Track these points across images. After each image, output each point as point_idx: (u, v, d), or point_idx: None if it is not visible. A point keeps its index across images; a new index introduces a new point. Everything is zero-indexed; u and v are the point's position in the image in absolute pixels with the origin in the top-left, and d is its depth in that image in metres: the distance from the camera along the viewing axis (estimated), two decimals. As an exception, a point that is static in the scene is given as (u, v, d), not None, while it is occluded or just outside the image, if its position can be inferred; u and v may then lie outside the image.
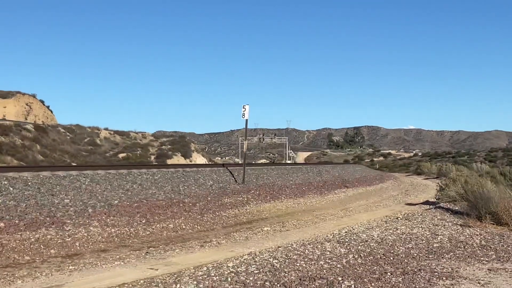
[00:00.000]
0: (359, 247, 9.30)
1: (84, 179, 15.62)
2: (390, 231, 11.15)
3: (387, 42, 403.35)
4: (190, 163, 49.87)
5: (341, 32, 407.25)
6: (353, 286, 6.73)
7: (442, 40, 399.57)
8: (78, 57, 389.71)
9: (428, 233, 10.81)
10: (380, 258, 8.44)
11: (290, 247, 9.33)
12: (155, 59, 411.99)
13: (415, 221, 12.67)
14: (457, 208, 14.54)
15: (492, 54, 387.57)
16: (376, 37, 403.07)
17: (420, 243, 9.77)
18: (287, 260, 8.12)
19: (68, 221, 12.11)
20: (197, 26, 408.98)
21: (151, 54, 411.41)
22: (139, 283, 7.05)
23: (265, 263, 7.89)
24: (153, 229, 13.28)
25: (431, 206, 16.55)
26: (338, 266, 7.81)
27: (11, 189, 12.92)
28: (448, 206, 15.33)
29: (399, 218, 13.37)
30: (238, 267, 7.67)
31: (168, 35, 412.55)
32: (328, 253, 8.76)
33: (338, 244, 9.54)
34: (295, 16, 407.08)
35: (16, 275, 8.32)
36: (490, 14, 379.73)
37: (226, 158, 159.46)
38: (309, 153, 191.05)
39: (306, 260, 8.17)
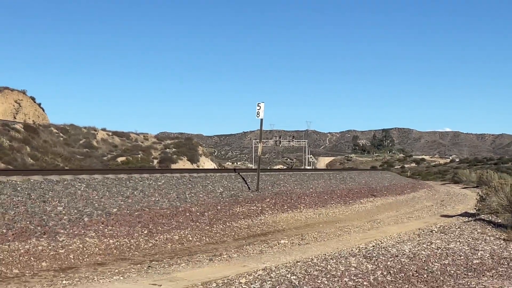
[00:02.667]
0: (388, 262, 9.27)
1: (79, 184, 15.73)
2: (424, 245, 11.10)
3: (420, 35, 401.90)
4: (198, 168, 50.02)
5: (369, 24, 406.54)
6: (381, 306, 6.71)
7: (483, 33, 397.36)
8: (73, 50, 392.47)
9: (467, 248, 10.75)
10: (412, 275, 8.41)
11: (310, 262, 9.33)
12: (158, 53, 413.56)
13: (452, 234, 12.60)
14: (500, 220, 14.45)
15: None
16: (407, 29, 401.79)
17: (458, 259, 9.71)
18: (306, 277, 8.11)
19: (62, 230, 12.20)
20: (206, 17, 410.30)
21: (154, 47, 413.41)
22: (141, 300, 7.09)
23: (281, 280, 7.89)
24: (156, 240, 13.34)
25: (470, 218, 16.46)
26: (365, 283, 7.79)
27: (-1, 194, 13.05)
28: (490, 218, 15.24)
29: (433, 231, 13.31)
30: (251, 284, 7.68)
31: (174, 27, 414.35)
32: (353, 269, 8.74)
33: (365, 259, 9.52)
34: (317, 9, 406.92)
35: (4, 290, 8.40)
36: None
37: (238, 163, 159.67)
38: (332, 158, 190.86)
39: (328, 276, 8.16)
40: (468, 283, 7.88)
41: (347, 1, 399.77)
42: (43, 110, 76.70)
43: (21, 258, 10.52)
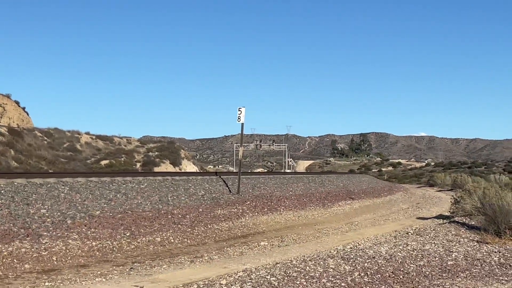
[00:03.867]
0: (366, 264, 9.29)
1: (62, 187, 15.60)
2: (400, 247, 11.15)
3: (396, 42, 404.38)
4: (180, 171, 49.86)
5: (347, 32, 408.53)
6: (359, 306, 6.72)
7: (457, 40, 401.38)
8: (57, 55, 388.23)
9: (441, 250, 10.81)
10: (389, 276, 8.43)
11: (289, 264, 9.32)
12: (142, 58, 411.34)
13: (427, 236, 12.68)
14: (473, 222, 14.55)
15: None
16: (384, 36, 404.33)
17: (433, 261, 9.76)
18: (286, 278, 8.11)
19: (45, 233, 12.09)
20: (188, 21, 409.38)
21: (138, 52, 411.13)
22: (123, 302, 7.04)
23: (261, 281, 7.88)
24: (139, 242, 13.27)
25: (444, 221, 16.56)
26: (342, 284, 7.80)
27: (-18, 197, 12.90)
28: (464, 220, 15.34)
29: (409, 233, 13.38)
30: (232, 285, 7.66)
31: (157, 30, 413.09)
32: (331, 270, 8.75)
33: (343, 261, 9.53)
34: (297, 13, 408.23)
35: (-14, 292, 8.29)
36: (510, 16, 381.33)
37: (219, 166, 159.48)
38: (311, 161, 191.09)
39: (307, 277, 8.16)
40: (443, 284, 7.92)
41: (324, 7, 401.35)
42: (28, 114, 75.91)
43: (4, 260, 10.39)
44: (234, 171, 56.15)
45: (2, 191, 13.70)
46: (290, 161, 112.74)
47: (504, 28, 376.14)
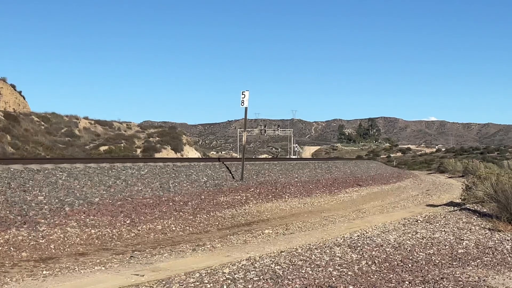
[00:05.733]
0: (373, 252, 9.31)
1: (60, 173, 15.63)
2: (409, 235, 11.16)
3: (406, 24, 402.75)
4: (182, 157, 49.93)
5: (354, 11, 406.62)
6: (366, 295, 6.73)
7: (470, 22, 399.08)
8: (54, 37, 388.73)
9: (452, 238, 10.82)
10: (397, 265, 8.45)
11: (294, 252, 9.34)
12: (141, 40, 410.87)
13: (437, 224, 12.68)
14: (485, 210, 14.55)
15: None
16: (392, 17, 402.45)
17: (443, 249, 9.77)
18: (291, 266, 8.13)
19: (42, 220, 12.13)
20: (191, 5, 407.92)
21: (137, 33, 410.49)
22: (123, 291, 7.06)
23: (266, 270, 7.90)
24: (139, 230, 13.30)
25: (455, 208, 16.57)
26: (349, 273, 7.82)
27: (-23, 183, 12.94)
28: (475, 207, 15.34)
29: (419, 221, 13.38)
30: (235, 274, 7.68)
31: (156, 12, 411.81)
32: (337, 258, 8.76)
33: (349, 249, 9.55)
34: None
35: (-18, 280, 8.33)
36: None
37: (223, 152, 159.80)
38: (317, 147, 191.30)
39: (312, 266, 8.18)
40: (453, 273, 7.93)
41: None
42: (24, 98, 75.82)
43: (0, 248, 10.44)
44: (238, 157, 56.21)
45: (-2, 178, 13.74)
46: (296, 146, 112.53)
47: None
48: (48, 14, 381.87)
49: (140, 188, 16.59)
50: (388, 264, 8.44)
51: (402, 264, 8.50)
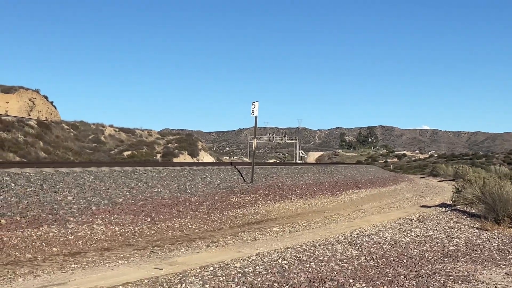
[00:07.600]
0: (372, 249, 9.27)
1: (88, 176, 15.68)
2: (404, 233, 11.11)
3: (402, 39, 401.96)
4: (197, 161, 49.93)
5: (354, 29, 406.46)
6: (364, 288, 6.71)
7: (459, 36, 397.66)
8: (82, 51, 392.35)
9: (443, 236, 10.76)
10: (393, 260, 8.41)
11: (299, 248, 9.33)
12: (162, 55, 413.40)
13: (430, 223, 12.62)
14: (474, 210, 14.47)
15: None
16: (389, 34, 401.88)
17: (435, 246, 9.72)
18: (296, 261, 8.11)
19: (71, 218, 12.17)
20: (206, 20, 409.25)
21: (158, 49, 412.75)
22: (143, 283, 7.07)
23: (273, 264, 7.89)
24: (158, 228, 13.32)
25: (447, 209, 16.48)
26: (349, 268, 7.79)
27: (13, 185, 12.99)
28: (465, 208, 15.26)
29: (413, 220, 13.32)
30: (245, 268, 7.68)
31: (176, 30, 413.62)
32: (339, 254, 8.74)
33: (350, 246, 9.52)
34: (308, 13, 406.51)
35: (17, 272, 8.37)
36: None
37: (235, 157, 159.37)
38: (321, 153, 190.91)
39: (316, 261, 8.16)
40: (444, 268, 7.89)
41: (336, 5, 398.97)
42: (55, 107, 76.38)
43: (33, 243, 10.48)
44: (248, 161, 56.17)
45: (32, 179, 13.80)
46: (301, 152, 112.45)
47: (506, 23, 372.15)
48: (76, 33, 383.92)
49: (159, 190, 16.61)
50: (385, 260, 8.41)
51: (397, 259, 8.47)
